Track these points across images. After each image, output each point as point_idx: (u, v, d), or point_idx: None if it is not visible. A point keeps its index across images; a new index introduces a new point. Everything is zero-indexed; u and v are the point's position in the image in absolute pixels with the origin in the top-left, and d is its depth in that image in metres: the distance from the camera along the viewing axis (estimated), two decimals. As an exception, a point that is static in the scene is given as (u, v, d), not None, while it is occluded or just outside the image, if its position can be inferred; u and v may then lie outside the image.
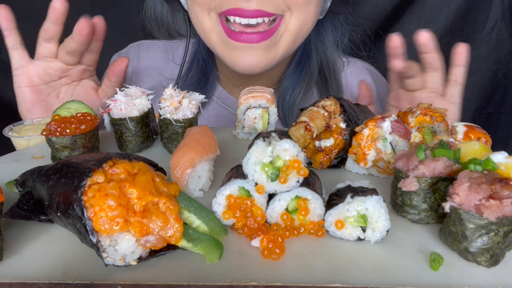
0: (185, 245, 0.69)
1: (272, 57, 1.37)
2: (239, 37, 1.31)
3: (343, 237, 0.75)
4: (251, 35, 1.30)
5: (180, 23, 1.68)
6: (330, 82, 1.63)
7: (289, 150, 0.73)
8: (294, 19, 1.33)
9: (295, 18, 1.32)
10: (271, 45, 1.35)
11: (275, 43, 1.36)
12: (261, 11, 1.26)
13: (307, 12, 1.34)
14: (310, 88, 1.61)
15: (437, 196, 0.78)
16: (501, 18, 2.03)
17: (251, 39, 1.31)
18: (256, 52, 1.33)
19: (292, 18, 1.32)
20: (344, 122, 1.01)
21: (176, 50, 1.72)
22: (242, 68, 1.36)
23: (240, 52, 1.34)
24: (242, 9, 1.25)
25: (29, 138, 1.16)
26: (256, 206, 0.76)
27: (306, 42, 1.57)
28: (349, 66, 1.73)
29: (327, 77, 1.63)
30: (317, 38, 1.60)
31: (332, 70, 1.64)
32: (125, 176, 0.68)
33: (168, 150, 1.11)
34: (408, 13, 2.05)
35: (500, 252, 0.69)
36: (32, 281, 0.64)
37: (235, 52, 1.35)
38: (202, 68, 1.62)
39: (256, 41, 1.31)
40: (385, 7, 2.04)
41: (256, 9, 1.25)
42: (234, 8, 1.26)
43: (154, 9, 1.65)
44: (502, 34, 2.06)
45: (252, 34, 1.30)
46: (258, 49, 1.33)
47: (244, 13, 1.25)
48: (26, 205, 0.77)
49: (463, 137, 0.97)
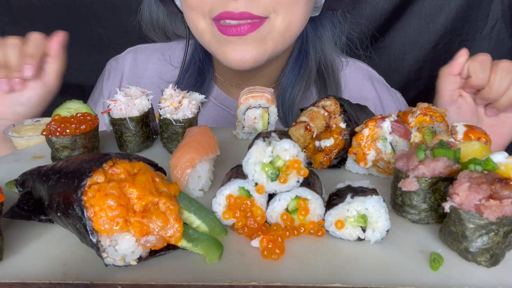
0: (185, 245, 0.69)
1: (262, 51, 1.38)
2: (229, 30, 1.34)
3: (343, 237, 0.75)
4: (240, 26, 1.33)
5: (178, 24, 1.69)
6: (328, 80, 1.63)
7: (289, 150, 0.73)
8: (280, 19, 1.35)
9: (281, 18, 1.34)
10: (260, 38, 1.36)
11: (264, 37, 1.37)
12: (248, 13, 1.29)
13: (293, 11, 1.35)
14: (309, 86, 1.61)
15: (437, 196, 0.78)
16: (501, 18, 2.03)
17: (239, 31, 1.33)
18: (246, 44, 1.35)
19: (278, 19, 1.34)
20: (344, 122, 1.01)
21: (173, 52, 1.73)
22: (235, 62, 1.38)
23: (232, 45, 1.36)
24: (231, 12, 1.29)
25: (29, 138, 1.16)
26: (256, 206, 0.76)
27: (304, 39, 1.57)
28: (348, 67, 1.73)
29: (325, 75, 1.63)
30: (315, 35, 1.60)
31: (331, 69, 1.64)
32: (125, 176, 0.68)
33: (168, 150, 1.11)
34: (408, 13, 2.05)
35: (500, 252, 0.69)
36: (32, 281, 0.64)
37: (227, 46, 1.37)
38: (199, 69, 1.63)
39: (244, 32, 1.33)
40: (385, 7, 2.04)
41: (244, 11, 1.28)
42: (224, 11, 1.30)
43: (150, 11, 1.65)
44: (502, 34, 2.06)
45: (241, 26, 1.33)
46: (248, 41, 1.35)
47: (234, 15, 1.29)
48: (26, 205, 0.77)
49: (463, 137, 0.97)
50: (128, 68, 1.74)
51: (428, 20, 2.05)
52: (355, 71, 1.74)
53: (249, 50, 1.36)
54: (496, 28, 2.05)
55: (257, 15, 1.30)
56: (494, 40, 2.07)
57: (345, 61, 1.72)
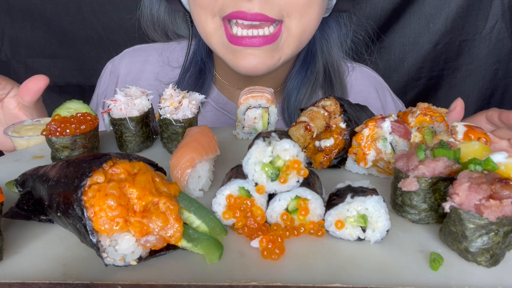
0: (185, 245, 0.69)
1: (276, 60, 1.35)
2: (240, 41, 1.29)
3: (343, 237, 0.75)
4: (253, 38, 1.29)
5: (179, 23, 1.65)
6: (335, 83, 1.60)
7: (289, 150, 0.73)
8: (296, 23, 1.31)
9: (297, 21, 1.31)
10: (275, 48, 1.33)
11: (279, 46, 1.34)
12: (263, 15, 1.24)
13: (308, 15, 1.32)
14: (315, 90, 1.58)
15: (437, 196, 0.78)
16: (501, 18, 2.03)
17: (253, 43, 1.29)
18: (259, 54, 1.31)
19: (294, 22, 1.30)
20: (344, 122, 1.01)
21: (172, 53, 1.68)
22: (245, 69, 1.34)
23: (243, 55, 1.32)
24: (244, 12, 1.24)
25: (29, 138, 1.16)
26: (256, 206, 0.76)
27: (311, 42, 1.54)
28: (354, 72, 1.70)
29: (332, 78, 1.60)
30: (322, 37, 1.57)
31: (337, 71, 1.61)
32: (125, 176, 0.68)
33: (168, 150, 1.11)
34: (408, 13, 2.06)
35: (500, 252, 0.69)
36: (32, 281, 0.64)
37: (237, 55, 1.33)
38: (200, 68, 1.59)
39: (258, 44, 1.29)
40: (385, 7, 2.04)
41: (258, 13, 1.24)
42: (237, 11, 1.25)
43: (150, 9, 1.61)
44: (502, 34, 2.06)
45: (254, 38, 1.29)
46: (262, 51, 1.31)
47: (246, 16, 1.25)
48: (26, 205, 0.77)
49: (463, 137, 0.97)
50: (124, 70, 1.70)
51: (428, 20, 2.05)
52: (362, 77, 1.71)
53: (262, 59, 1.32)
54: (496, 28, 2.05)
55: (271, 17, 1.26)
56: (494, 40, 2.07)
57: (351, 66, 1.69)
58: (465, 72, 2.15)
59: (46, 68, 2.20)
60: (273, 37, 1.30)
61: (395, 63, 2.16)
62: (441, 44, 2.09)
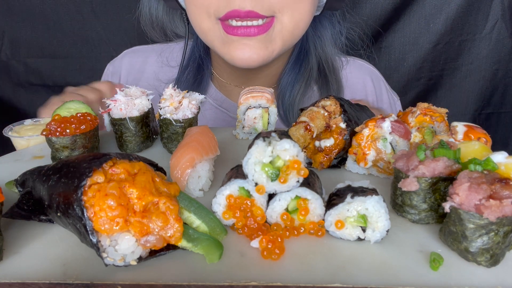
0: (185, 245, 0.69)
1: (270, 52, 1.38)
2: (236, 31, 1.33)
3: (343, 237, 0.75)
4: (249, 28, 1.32)
5: (177, 22, 1.67)
6: (330, 78, 1.62)
7: (289, 150, 0.73)
8: (288, 18, 1.34)
9: (289, 16, 1.34)
10: (269, 39, 1.36)
11: (272, 38, 1.36)
12: (255, 12, 1.28)
13: (300, 10, 1.35)
14: (310, 86, 1.60)
15: (437, 196, 0.78)
16: (501, 18, 2.03)
17: (248, 32, 1.32)
18: (254, 44, 1.34)
19: (286, 17, 1.34)
20: (344, 122, 1.01)
21: (171, 53, 1.71)
22: (240, 61, 1.37)
23: (238, 45, 1.35)
24: (237, 10, 1.28)
25: (29, 138, 1.16)
26: (256, 206, 0.76)
27: (304, 39, 1.56)
28: (349, 65, 1.72)
29: (327, 74, 1.62)
30: (315, 34, 1.59)
31: (332, 67, 1.63)
32: (125, 176, 0.68)
33: (168, 150, 1.11)
34: (408, 13, 2.06)
35: (500, 252, 0.69)
36: (32, 281, 0.64)
37: (233, 45, 1.36)
38: (198, 65, 1.62)
39: (253, 34, 1.32)
40: (385, 7, 2.04)
41: (250, 10, 1.28)
42: (231, 10, 1.29)
43: (149, 8, 1.63)
44: (502, 34, 2.06)
45: (249, 28, 1.32)
46: (256, 41, 1.34)
47: (240, 14, 1.28)
48: (26, 205, 0.77)
49: (463, 137, 0.97)
50: (125, 71, 1.73)
51: (428, 20, 2.05)
52: (356, 70, 1.73)
53: (256, 49, 1.35)
54: (496, 28, 2.05)
55: (263, 14, 1.30)
56: (494, 40, 2.07)
57: (345, 60, 1.72)
58: (465, 72, 2.15)
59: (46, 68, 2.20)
60: (266, 26, 1.34)
61: (395, 63, 2.16)
62: (441, 44, 2.09)
